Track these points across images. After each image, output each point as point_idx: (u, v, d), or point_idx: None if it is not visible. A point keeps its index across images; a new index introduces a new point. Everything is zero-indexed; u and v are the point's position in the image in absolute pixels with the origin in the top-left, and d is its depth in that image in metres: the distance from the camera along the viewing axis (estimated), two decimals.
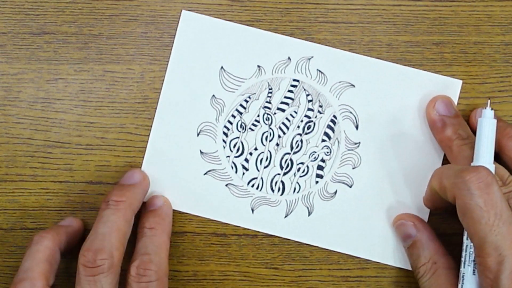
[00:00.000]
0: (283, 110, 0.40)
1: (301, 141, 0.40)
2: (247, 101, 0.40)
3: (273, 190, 0.40)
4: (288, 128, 0.40)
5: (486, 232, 0.31)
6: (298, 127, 0.40)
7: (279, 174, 0.40)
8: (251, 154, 0.40)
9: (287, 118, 0.40)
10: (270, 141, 0.40)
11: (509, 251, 0.31)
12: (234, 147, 0.40)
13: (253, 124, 0.40)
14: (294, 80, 0.40)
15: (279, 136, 0.40)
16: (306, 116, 0.40)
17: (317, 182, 0.40)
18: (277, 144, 0.40)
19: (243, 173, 0.40)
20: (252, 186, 0.40)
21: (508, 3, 0.40)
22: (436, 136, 0.38)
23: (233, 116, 0.40)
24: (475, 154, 0.35)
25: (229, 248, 0.40)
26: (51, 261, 0.36)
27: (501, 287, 0.30)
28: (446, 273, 0.35)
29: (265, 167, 0.40)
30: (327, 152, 0.40)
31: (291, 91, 0.40)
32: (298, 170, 0.40)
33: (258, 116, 0.40)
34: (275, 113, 0.40)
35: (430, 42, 0.40)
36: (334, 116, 0.40)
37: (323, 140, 0.40)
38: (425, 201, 0.38)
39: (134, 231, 0.38)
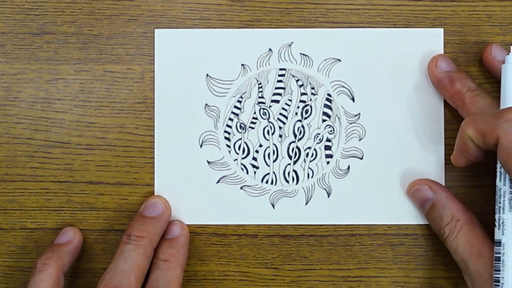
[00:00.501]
0: (278, 101, 0.40)
1: (303, 126, 0.40)
2: (240, 102, 0.40)
3: (287, 181, 0.40)
4: (286, 118, 0.40)
5: None
6: (296, 113, 0.40)
7: (289, 164, 0.40)
8: (257, 151, 0.40)
9: (283, 108, 0.40)
10: (272, 134, 0.40)
11: None
12: (239, 149, 0.40)
13: (252, 122, 0.40)
14: (281, 69, 0.40)
15: (280, 127, 0.40)
16: (301, 101, 0.40)
17: (328, 162, 0.40)
18: (280, 136, 0.40)
19: (255, 172, 0.40)
20: (267, 182, 0.40)
21: (508, 3, 0.40)
22: (445, 92, 0.38)
23: (230, 119, 0.40)
24: (501, 98, 0.36)
25: (229, 248, 0.40)
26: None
27: None
28: (472, 228, 0.35)
29: (274, 161, 0.40)
30: (331, 131, 0.40)
31: (280, 81, 0.40)
32: (307, 155, 0.40)
33: (255, 113, 0.40)
34: (270, 106, 0.40)
35: None
36: (329, 94, 0.40)
37: (324, 120, 0.40)
38: (455, 158, 0.37)
39: None
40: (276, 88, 0.40)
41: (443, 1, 0.40)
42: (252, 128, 0.40)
